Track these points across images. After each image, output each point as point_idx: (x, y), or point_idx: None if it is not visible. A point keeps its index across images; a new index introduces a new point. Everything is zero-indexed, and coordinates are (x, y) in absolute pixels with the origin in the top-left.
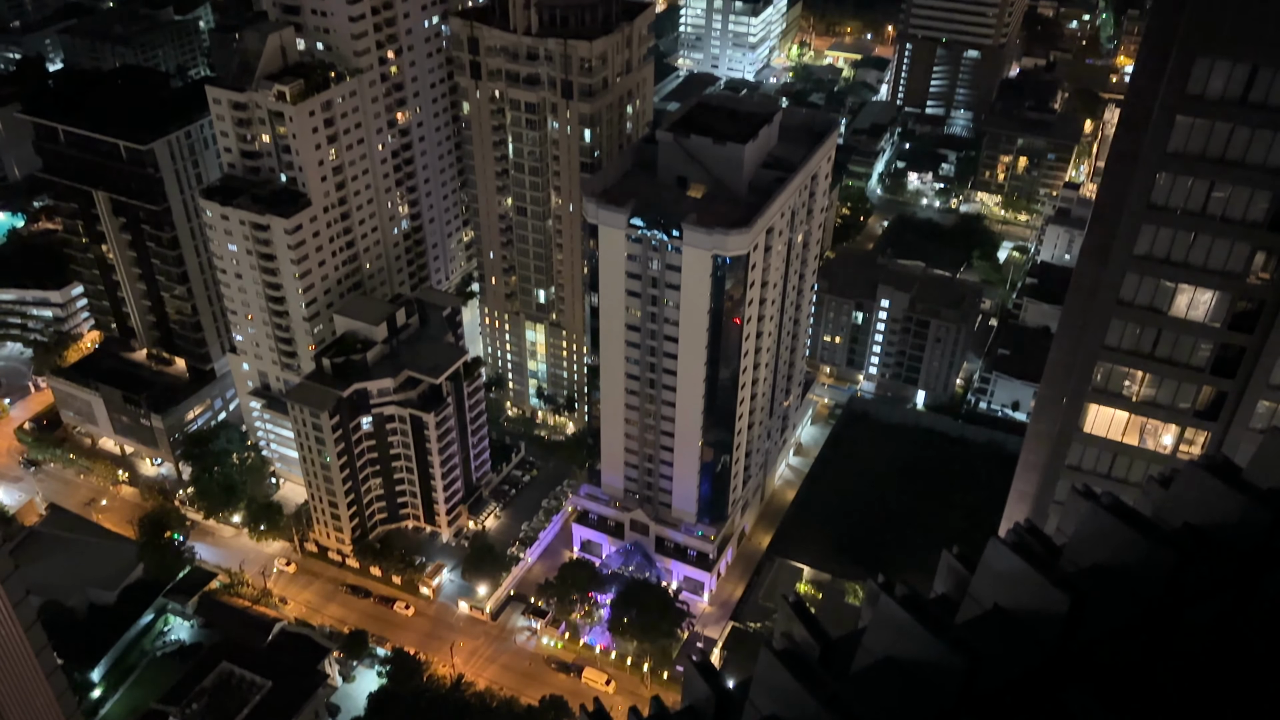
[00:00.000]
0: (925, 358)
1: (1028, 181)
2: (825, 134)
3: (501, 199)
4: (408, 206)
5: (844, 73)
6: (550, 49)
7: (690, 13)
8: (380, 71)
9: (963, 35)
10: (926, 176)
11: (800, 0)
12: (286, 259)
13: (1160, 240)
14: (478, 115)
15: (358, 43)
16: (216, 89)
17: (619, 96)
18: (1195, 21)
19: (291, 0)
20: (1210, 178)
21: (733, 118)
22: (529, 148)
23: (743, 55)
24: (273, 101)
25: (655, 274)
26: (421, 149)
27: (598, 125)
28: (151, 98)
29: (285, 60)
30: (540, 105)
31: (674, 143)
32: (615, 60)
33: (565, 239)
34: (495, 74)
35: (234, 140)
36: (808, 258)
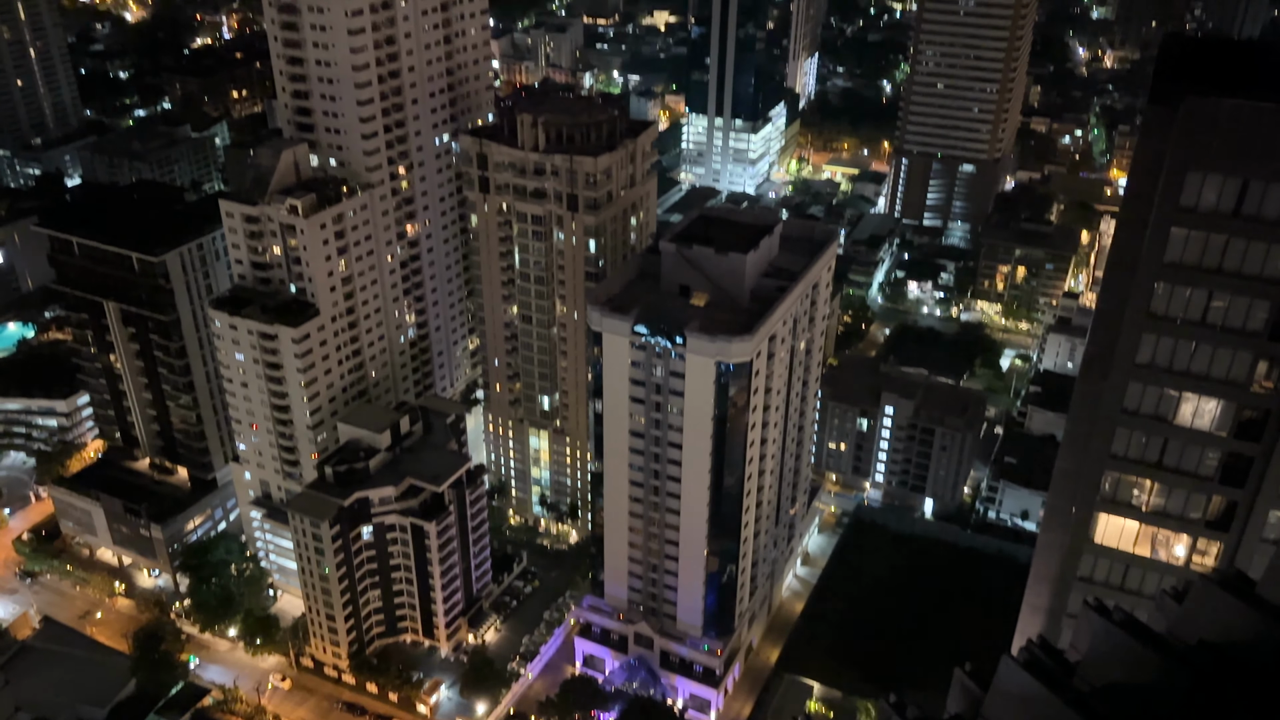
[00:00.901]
0: (932, 466)
1: (1027, 291)
2: (825, 244)
3: (507, 307)
4: (415, 315)
5: (842, 186)
6: (556, 164)
7: (692, 130)
8: (391, 186)
9: (957, 151)
10: (926, 285)
11: (798, 118)
12: (293, 368)
13: (1161, 349)
14: (485, 227)
15: (370, 159)
16: (230, 202)
17: (623, 209)
18: (1185, 137)
19: (306, 119)
20: (1208, 288)
21: (734, 229)
22: (535, 258)
23: (743, 170)
24: (285, 215)
25: (659, 381)
26: (430, 259)
27: (602, 236)
28: (165, 211)
29: (298, 175)
30: (546, 218)
31: (677, 253)
32: (619, 175)
33: (570, 346)
34: (503, 188)
35: (245, 252)
36: (810, 365)
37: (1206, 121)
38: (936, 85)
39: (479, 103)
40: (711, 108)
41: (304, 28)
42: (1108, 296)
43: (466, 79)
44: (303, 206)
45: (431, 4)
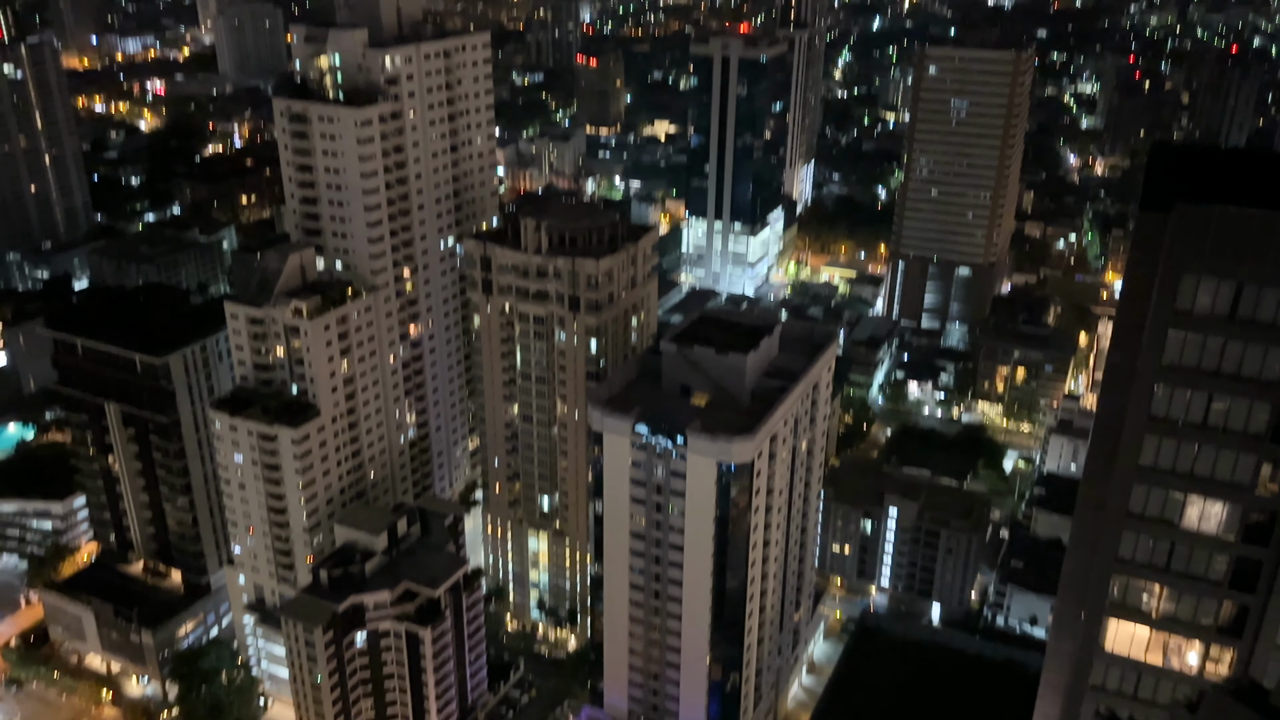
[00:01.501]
0: (938, 569)
1: (1027, 392)
2: (824, 345)
3: (508, 407)
4: (415, 415)
5: (840, 289)
6: (559, 267)
7: (692, 234)
8: (396, 288)
9: (953, 254)
10: (927, 386)
11: (795, 223)
12: (291, 469)
13: (1164, 451)
14: (488, 328)
15: (375, 262)
16: (235, 305)
17: (624, 310)
18: (1178, 243)
19: (314, 223)
20: (1208, 390)
21: (734, 330)
22: (536, 358)
23: (742, 272)
24: (289, 317)
25: (660, 481)
26: (432, 360)
27: (603, 337)
28: (170, 313)
29: (304, 278)
30: (548, 318)
31: (678, 353)
32: (621, 277)
33: (570, 446)
34: (506, 290)
35: (248, 354)
36: (812, 465)
37: (1198, 227)
38: (931, 191)
39: (484, 208)
40: (711, 212)
41: (314, 136)
42: (1108, 399)
43: (472, 185)
44: (307, 309)
45: (439, 115)
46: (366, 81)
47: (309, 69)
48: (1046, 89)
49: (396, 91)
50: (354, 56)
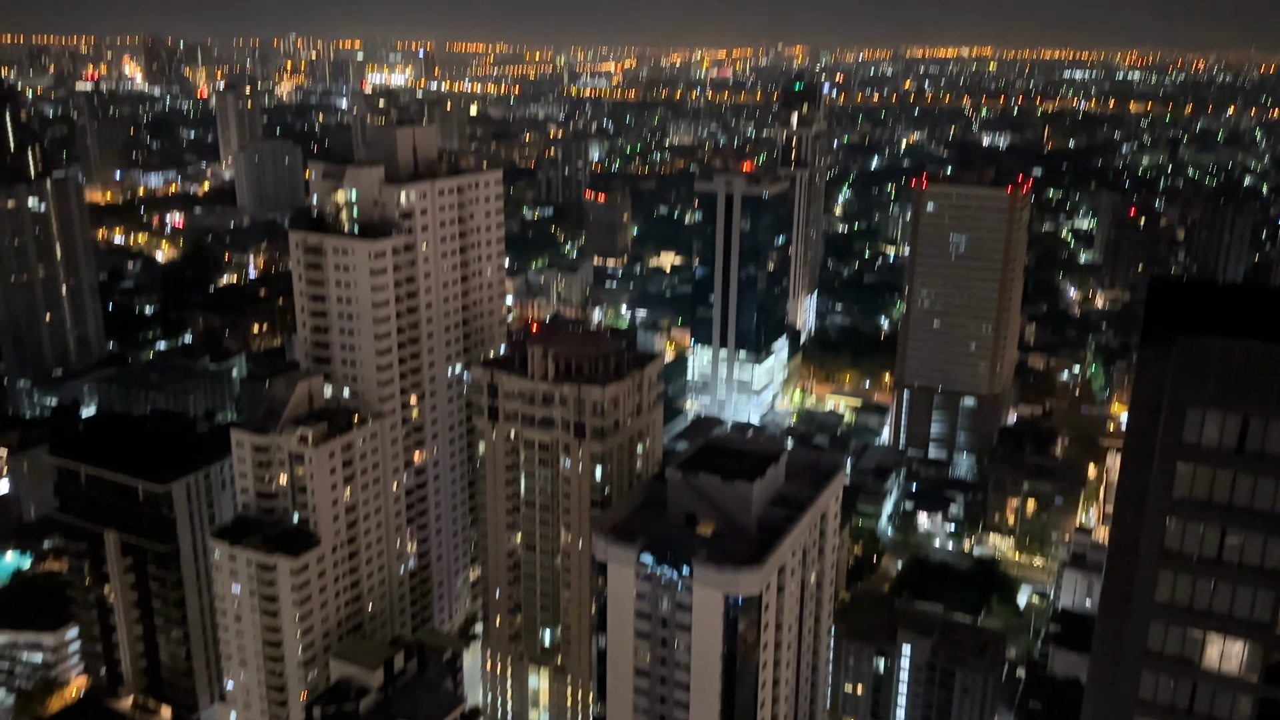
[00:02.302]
0: (954, 711)
1: (1038, 525)
2: (831, 474)
3: (511, 536)
4: (416, 545)
5: (846, 417)
6: (565, 394)
7: (697, 362)
8: (402, 415)
9: (957, 385)
10: (936, 518)
11: (800, 351)
12: (289, 600)
13: (1180, 587)
14: (493, 455)
15: (383, 389)
16: (241, 432)
17: (629, 437)
18: (1181, 376)
19: (324, 352)
20: (1220, 524)
21: (740, 457)
22: (541, 485)
23: (748, 400)
24: (295, 444)
25: (665, 614)
26: (435, 487)
27: (609, 464)
28: (176, 441)
29: (311, 405)
30: (554, 445)
31: (683, 481)
32: (626, 404)
33: (573, 576)
34: (512, 416)
35: (252, 481)
36: (822, 599)
37: (1200, 361)
38: (933, 323)
39: (492, 335)
40: (716, 340)
41: (328, 267)
42: (1120, 533)
43: (481, 314)
44: (313, 436)
45: (451, 247)
46: (381, 215)
47: (326, 203)
48: (1044, 225)
49: (410, 225)
50: (370, 192)
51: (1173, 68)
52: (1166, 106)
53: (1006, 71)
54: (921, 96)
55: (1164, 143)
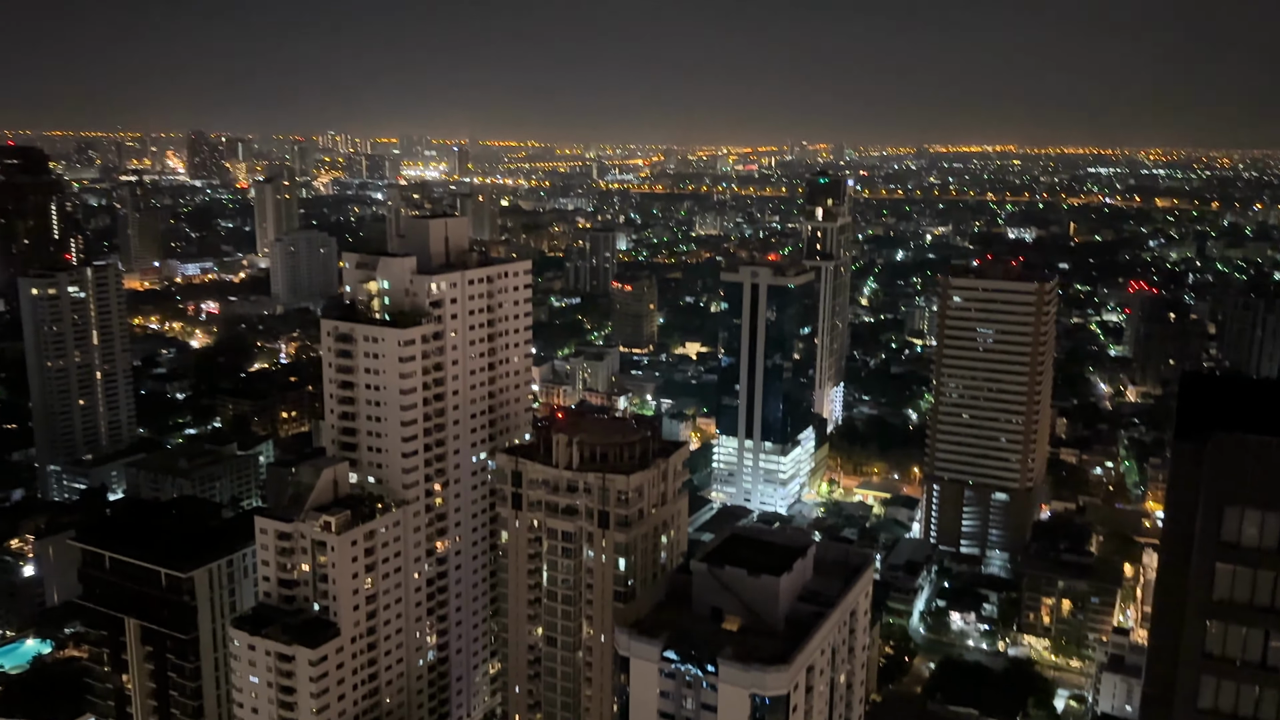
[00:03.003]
0: None
1: (1074, 625)
2: (861, 569)
3: (532, 628)
4: (436, 636)
5: (874, 509)
6: (589, 482)
7: (723, 451)
8: (426, 503)
9: (988, 479)
10: (969, 616)
11: (826, 442)
12: (306, 692)
13: (1224, 693)
14: (515, 544)
15: (408, 476)
16: (265, 519)
17: (654, 527)
18: (1217, 474)
19: (351, 438)
20: (1264, 627)
21: (766, 550)
22: (563, 575)
23: (774, 490)
24: (317, 531)
25: (689, 713)
26: (457, 577)
27: (632, 554)
28: (201, 527)
29: (336, 493)
30: (577, 534)
31: (708, 573)
32: (651, 493)
33: (595, 673)
34: (536, 505)
35: (274, 569)
36: (852, 701)
37: (1236, 458)
38: (961, 415)
39: (517, 423)
40: (742, 430)
41: (358, 355)
42: (1159, 635)
43: (507, 401)
44: (335, 523)
45: (480, 335)
46: (412, 304)
47: (358, 293)
48: (1072, 318)
49: (440, 314)
50: (402, 281)
51: (1198, 164)
52: (1193, 202)
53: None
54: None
55: (1191, 237)
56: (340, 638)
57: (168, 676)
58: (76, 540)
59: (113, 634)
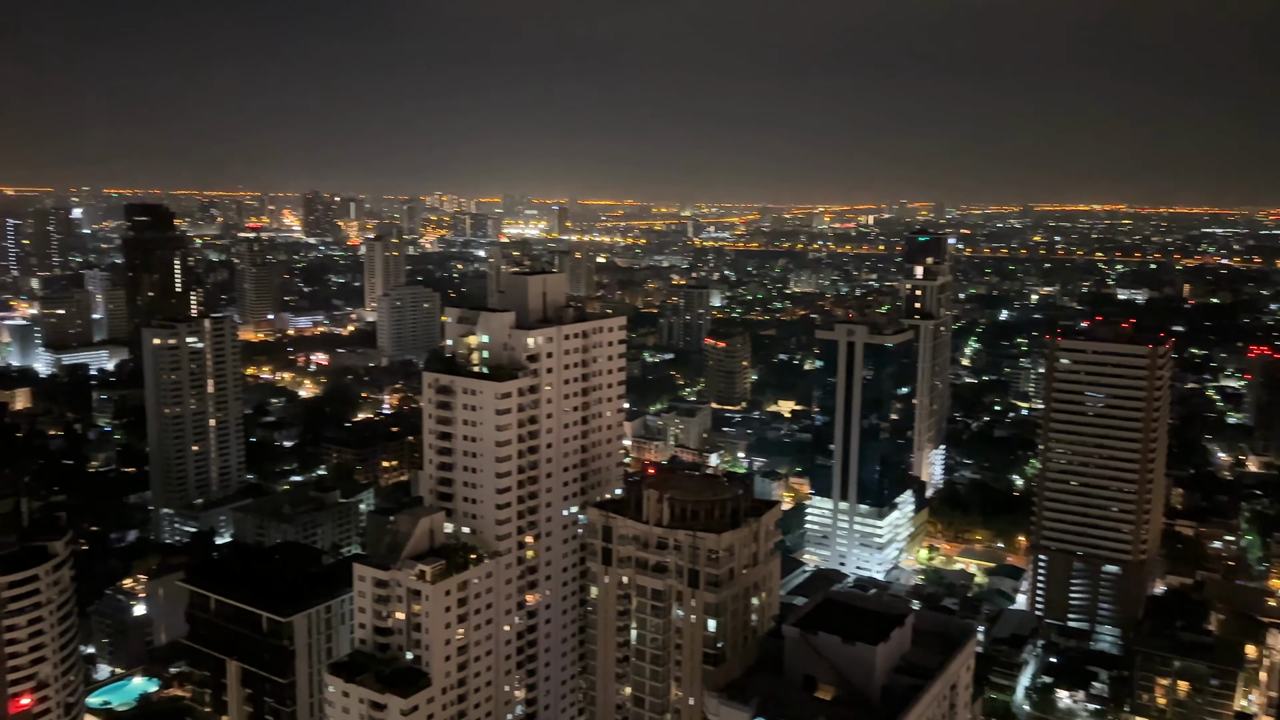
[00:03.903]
0: None
1: (1191, 708)
2: (962, 641)
3: (620, 688)
4: (525, 690)
5: (976, 578)
6: (680, 540)
7: (816, 512)
8: (517, 555)
9: (1098, 550)
10: (1078, 695)
11: (926, 506)
12: None
13: None
14: (604, 600)
15: (501, 528)
16: (363, 566)
17: (745, 588)
18: None
19: (447, 489)
20: None
21: (862, 617)
22: (652, 634)
23: (870, 555)
24: (413, 580)
25: None
26: (546, 631)
27: (723, 616)
28: (302, 572)
29: (432, 542)
30: (667, 593)
31: (801, 639)
32: (742, 553)
33: None
34: (625, 561)
35: (370, 616)
36: None
37: None
38: (1069, 483)
39: (609, 478)
40: (836, 491)
41: (456, 407)
42: None
43: (599, 456)
44: (430, 572)
45: (574, 389)
46: (510, 358)
47: (458, 346)
48: (1188, 383)
49: (536, 368)
50: (501, 336)
51: None
52: None
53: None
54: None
55: None
56: (431, 688)
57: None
58: (185, 582)
59: (215, 675)
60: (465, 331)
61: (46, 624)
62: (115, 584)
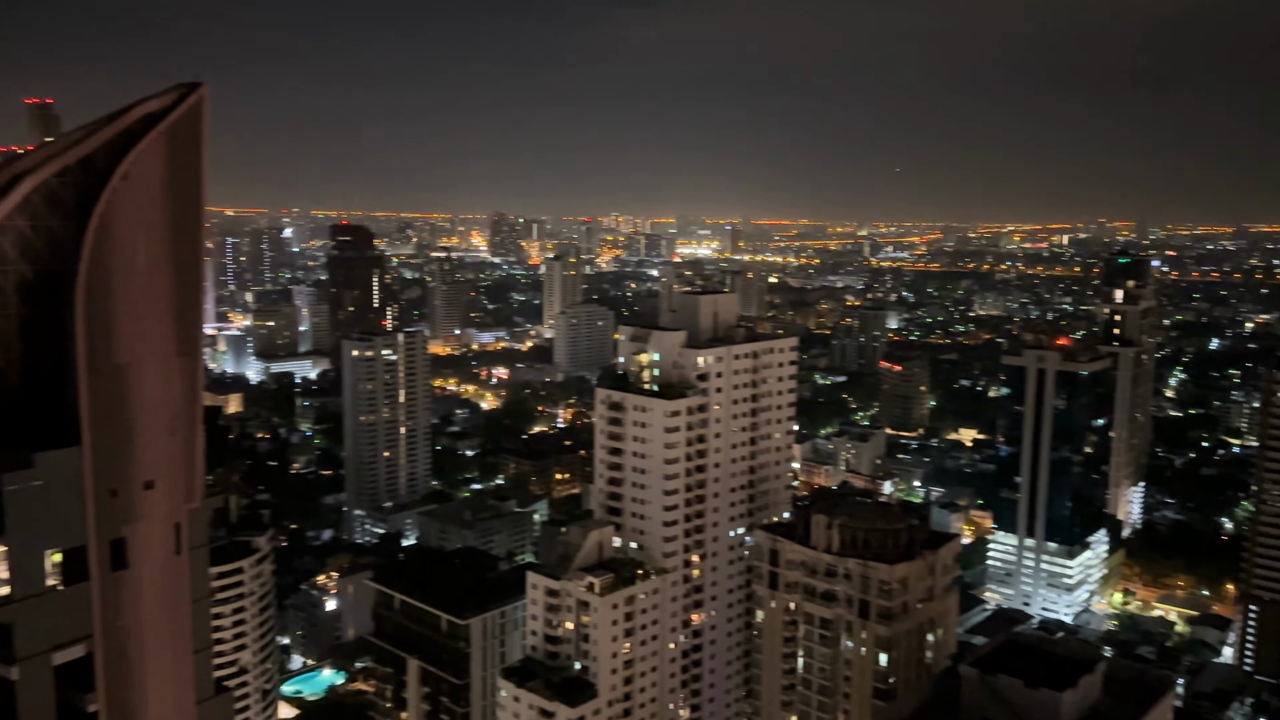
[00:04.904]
0: None
1: None
2: (1159, 693)
3: (786, 715)
4: (689, 711)
5: (1177, 627)
6: (850, 568)
7: (999, 548)
8: (683, 573)
9: None
10: None
11: (1122, 547)
12: None
13: None
14: (770, 625)
15: (667, 545)
16: (536, 575)
17: (919, 623)
18: None
19: (616, 503)
20: None
21: (1047, 661)
22: (820, 664)
23: (1058, 597)
24: (582, 591)
25: None
26: (711, 652)
27: (895, 650)
28: (479, 577)
29: (601, 555)
30: (835, 622)
31: (979, 681)
32: (916, 586)
33: None
34: (792, 586)
35: (541, 624)
36: None
37: None
38: None
39: (776, 500)
40: (1021, 527)
41: (627, 423)
42: None
43: (767, 478)
44: (599, 585)
45: (743, 409)
46: (680, 377)
47: (630, 364)
48: None
49: (706, 387)
50: (671, 355)
51: None
52: None
53: None
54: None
55: None
56: (598, 699)
57: (440, 719)
58: (372, 581)
59: (396, 672)
60: (637, 349)
61: (248, 614)
62: (310, 579)
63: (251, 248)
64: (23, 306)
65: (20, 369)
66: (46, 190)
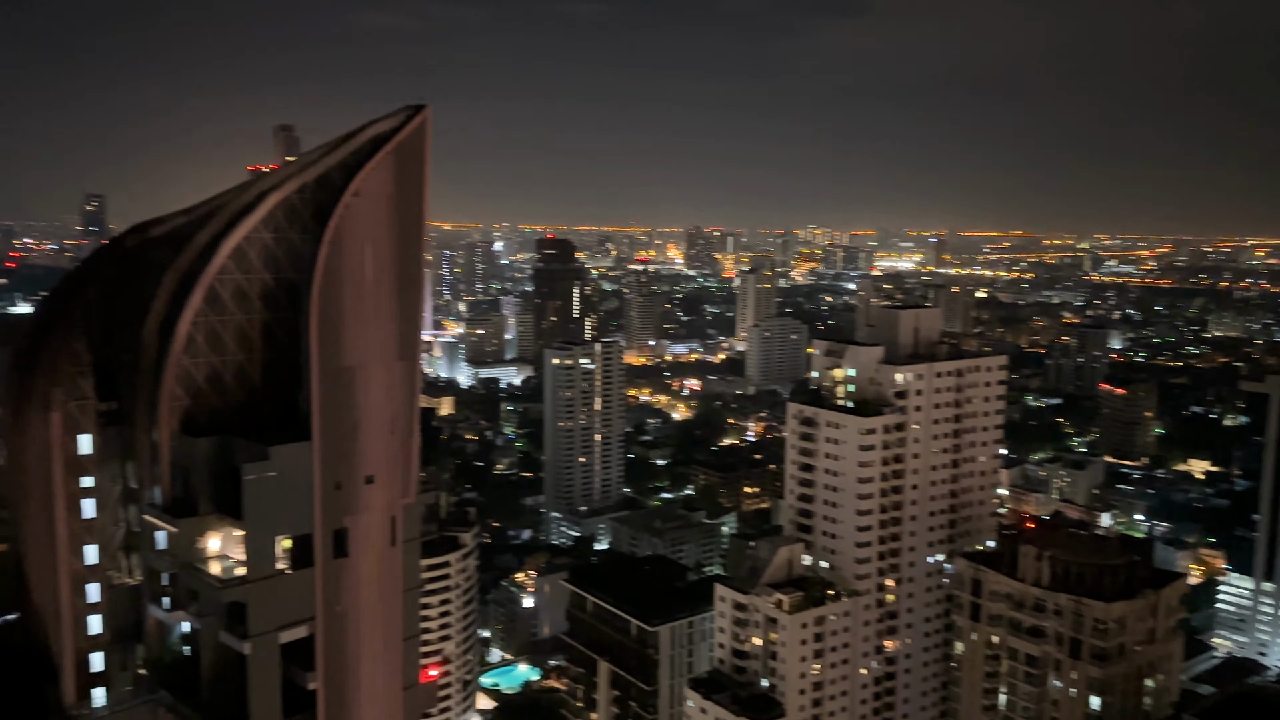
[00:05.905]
0: None
1: None
2: None
3: None
4: None
5: None
6: (1060, 604)
7: (1232, 591)
8: (876, 597)
9: None
10: None
11: None
12: None
13: None
14: (971, 657)
15: (860, 567)
16: (725, 588)
17: (1137, 666)
18: None
19: (806, 520)
20: None
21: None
22: (1024, 702)
23: None
24: (770, 607)
25: None
26: (905, 681)
27: (1109, 694)
28: (669, 585)
29: (790, 572)
30: (1043, 660)
31: None
32: (1135, 627)
33: None
34: (996, 619)
35: (729, 637)
36: None
37: None
38: None
39: (979, 528)
40: (1259, 570)
41: (819, 440)
42: None
43: (970, 503)
44: (788, 602)
45: (944, 430)
46: (876, 394)
47: (824, 379)
48: None
49: (904, 405)
50: (868, 370)
51: None
52: None
53: None
54: None
55: None
56: (785, 718)
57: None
58: (568, 582)
59: (588, 673)
60: (832, 364)
61: (453, 605)
62: (509, 576)
63: (465, 260)
64: (264, 311)
65: (260, 368)
66: (287, 205)
